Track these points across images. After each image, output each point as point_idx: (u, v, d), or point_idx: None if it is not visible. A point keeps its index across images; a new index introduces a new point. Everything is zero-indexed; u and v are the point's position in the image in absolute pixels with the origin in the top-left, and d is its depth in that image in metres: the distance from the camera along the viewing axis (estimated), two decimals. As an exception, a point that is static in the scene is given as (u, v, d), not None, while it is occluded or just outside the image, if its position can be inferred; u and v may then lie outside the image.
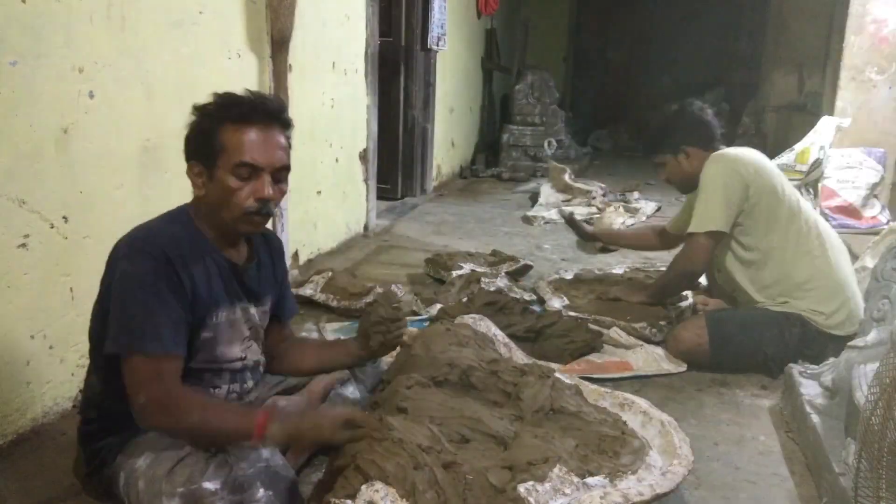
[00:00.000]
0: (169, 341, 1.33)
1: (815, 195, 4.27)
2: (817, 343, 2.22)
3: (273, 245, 1.67)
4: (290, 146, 1.47)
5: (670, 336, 2.44)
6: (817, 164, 4.14)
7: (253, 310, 1.55)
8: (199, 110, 1.41)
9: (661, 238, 2.95)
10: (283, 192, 1.46)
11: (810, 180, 4.23)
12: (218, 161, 1.38)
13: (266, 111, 1.42)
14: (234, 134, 1.38)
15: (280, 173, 1.43)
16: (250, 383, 1.57)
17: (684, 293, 2.70)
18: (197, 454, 1.31)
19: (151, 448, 1.34)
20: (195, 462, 1.28)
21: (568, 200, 4.98)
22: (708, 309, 2.58)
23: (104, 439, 1.42)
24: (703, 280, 2.84)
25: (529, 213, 4.75)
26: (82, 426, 1.48)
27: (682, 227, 2.56)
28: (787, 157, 4.15)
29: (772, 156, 4.46)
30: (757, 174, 2.31)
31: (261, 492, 1.24)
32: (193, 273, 1.38)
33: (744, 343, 2.30)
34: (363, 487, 1.23)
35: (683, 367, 2.33)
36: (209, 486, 1.23)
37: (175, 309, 1.34)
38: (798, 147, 4.17)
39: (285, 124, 1.46)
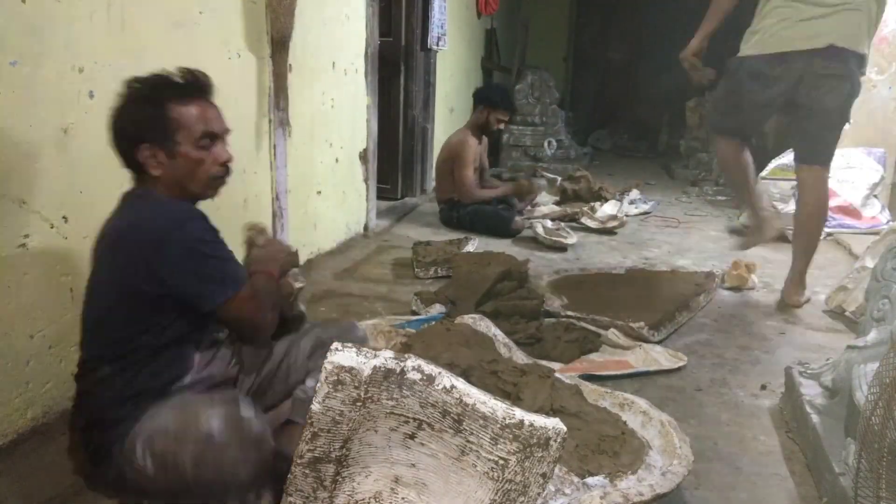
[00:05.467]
0: (243, 272, 1.49)
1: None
2: None
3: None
4: None
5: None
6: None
7: None
8: (134, 94, 1.45)
9: None
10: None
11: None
12: (176, 137, 1.42)
13: (201, 86, 1.50)
14: (185, 109, 1.44)
15: (226, 137, 1.52)
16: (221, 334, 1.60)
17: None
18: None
19: (167, 415, 1.36)
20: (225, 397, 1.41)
21: (559, 203, 4.97)
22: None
23: (104, 433, 1.42)
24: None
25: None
26: (81, 422, 1.48)
27: None
28: (788, 158, 4.15)
29: (773, 156, 4.47)
30: None
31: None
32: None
33: None
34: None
35: (684, 362, 2.33)
36: (245, 413, 1.35)
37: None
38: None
39: (212, 93, 1.53)
